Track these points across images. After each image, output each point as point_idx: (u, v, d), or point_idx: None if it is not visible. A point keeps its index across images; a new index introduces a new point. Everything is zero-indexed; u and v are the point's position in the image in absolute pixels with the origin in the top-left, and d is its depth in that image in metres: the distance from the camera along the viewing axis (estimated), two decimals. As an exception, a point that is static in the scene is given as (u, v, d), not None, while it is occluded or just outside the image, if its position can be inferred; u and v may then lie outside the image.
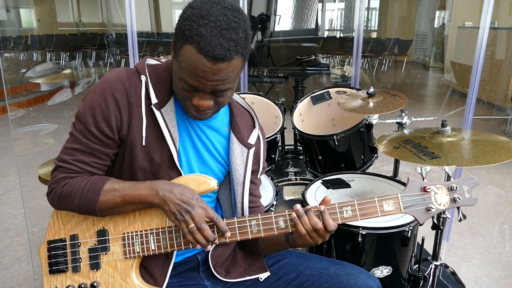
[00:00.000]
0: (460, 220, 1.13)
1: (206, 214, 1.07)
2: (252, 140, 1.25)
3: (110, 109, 1.07)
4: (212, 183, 1.12)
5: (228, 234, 1.07)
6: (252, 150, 1.24)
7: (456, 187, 1.11)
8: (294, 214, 1.08)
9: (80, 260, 1.14)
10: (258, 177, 1.33)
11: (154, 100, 1.10)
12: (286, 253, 1.32)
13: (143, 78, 1.11)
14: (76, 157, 1.10)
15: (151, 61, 1.19)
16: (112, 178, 1.13)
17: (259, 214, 1.11)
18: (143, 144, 1.10)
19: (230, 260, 1.30)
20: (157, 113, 1.10)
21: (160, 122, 1.10)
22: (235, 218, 1.11)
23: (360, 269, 1.26)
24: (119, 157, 1.14)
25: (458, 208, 1.12)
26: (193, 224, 1.04)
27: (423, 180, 1.11)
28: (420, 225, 1.70)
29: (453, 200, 1.10)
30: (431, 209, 1.09)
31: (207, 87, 1.01)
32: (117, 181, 1.11)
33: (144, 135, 1.10)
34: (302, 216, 1.07)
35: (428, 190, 1.09)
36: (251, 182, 1.29)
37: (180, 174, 1.14)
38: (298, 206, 1.08)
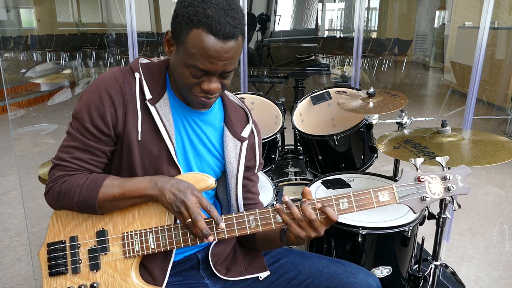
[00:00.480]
0: (455, 210, 1.14)
1: (199, 202, 1.07)
2: (245, 133, 1.26)
3: (105, 105, 1.09)
4: (210, 181, 1.13)
5: (222, 225, 1.07)
6: (245, 143, 1.25)
7: (450, 176, 1.12)
8: (278, 205, 1.08)
9: (80, 261, 1.15)
10: (256, 172, 1.33)
11: (148, 95, 1.12)
12: (286, 252, 1.33)
13: (136, 75, 1.13)
14: (73, 154, 1.11)
15: (144, 60, 1.21)
16: (111, 175, 1.14)
17: (256, 209, 1.11)
18: (139, 139, 1.11)
19: (230, 259, 1.31)
20: (152, 108, 1.12)
21: (155, 117, 1.12)
22: (233, 214, 1.12)
23: (360, 267, 1.26)
24: (117, 154, 1.15)
25: (452, 197, 1.13)
26: (190, 219, 1.05)
27: (416, 170, 1.12)
28: (420, 223, 1.70)
29: (447, 189, 1.11)
30: (426, 199, 1.10)
31: (219, 67, 1.03)
32: (116, 178, 1.13)
33: (139, 130, 1.11)
34: (291, 207, 1.07)
35: (422, 180, 1.10)
36: (248, 179, 1.30)
37: (178, 169, 1.15)
38: (287, 197, 1.08)
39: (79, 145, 1.11)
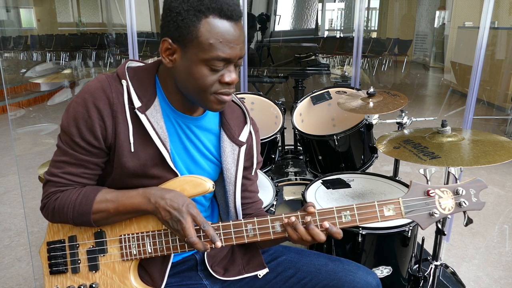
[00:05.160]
0: (467, 225, 1.07)
1: (194, 220, 1.05)
2: (243, 137, 1.23)
3: (93, 118, 1.05)
4: (208, 185, 1.11)
5: (218, 244, 1.05)
6: (243, 148, 1.22)
7: (463, 190, 1.04)
8: (287, 221, 1.06)
9: (79, 261, 1.14)
10: (253, 173, 1.30)
11: (137, 104, 1.08)
12: (284, 250, 1.32)
13: (124, 83, 1.09)
14: (64, 169, 1.09)
15: (132, 64, 1.17)
16: (104, 188, 1.12)
17: (255, 218, 1.09)
18: (132, 150, 1.08)
19: (228, 259, 1.30)
20: (142, 117, 1.08)
21: (146, 125, 1.08)
22: (230, 221, 1.10)
23: (359, 265, 1.25)
24: (109, 165, 1.12)
25: (464, 212, 1.07)
26: (185, 237, 1.04)
27: (427, 182, 1.06)
28: (422, 229, 1.70)
29: (459, 205, 1.04)
30: (435, 214, 1.03)
31: (237, 52, 1.02)
32: (109, 191, 1.11)
33: (132, 141, 1.08)
34: (298, 227, 1.05)
35: (431, 194, 1.04)
36: (246, 178, 1.27)
37: (176, 175, 1.13)
38: (293, 218, 1.06)
39: (70, 160, 1.08)
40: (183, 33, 0.99)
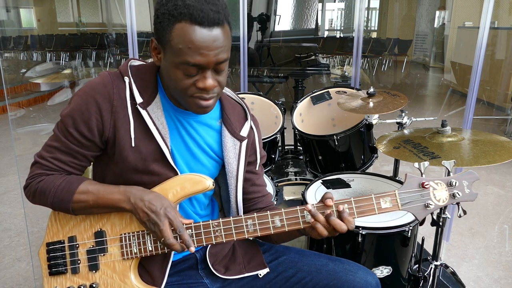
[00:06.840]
0: (460, 216, 1.10)
1: (171, 223, 1.06)
2: (244, 132, 1.24)
3: (90, 111, 1.08)
4: (208, 183, 1.12)
5: (192, 249, 1.06)
6: (244, 143, 1.24)
7: (456, 182, 1.08)
8: (309, 217, 1.06)
9: (79, 261, 1.15)
10: (258, 167, 1.32)
11: (139, 99, 1.10)
12: (285, 249, 1.32)
13: (126, 79, 1.12)
14: (54, 154, 1.12)
15: (135, 62, 1.19)
16: (88, 179, 1.15)
17: (255, 213, 1.10)
18: (133, 145, 1.10)
19: (229, 257, 1.30)
20: (143, 112, 1.10)
21: (147, 121, 1.10)
22: (231, 217, 1.11)
23: (359, 265, 1.26)
24: (110, 160, 1.14)
25: (458, 203, 1.10)
26: (163, 239, 1.05)
27: (421, 175, 1.09)
28: (420, 223, 1.70)
29: (453, 196, 1.08)
30: (430, 206, 1.07)
31: (210, 59, 0.99)
32: (92, 183, 1.13)
33: (133, 136, 1.10)
34: (316, 215, 1.05)
35: (426, 186, 1.07)
36: (251, 172, 1.29)
37: (175, 171, 1.14)
38: (310, 206, 1.06)
39: (61, 147, 1.11)
40: (161, 36, 1.02)
